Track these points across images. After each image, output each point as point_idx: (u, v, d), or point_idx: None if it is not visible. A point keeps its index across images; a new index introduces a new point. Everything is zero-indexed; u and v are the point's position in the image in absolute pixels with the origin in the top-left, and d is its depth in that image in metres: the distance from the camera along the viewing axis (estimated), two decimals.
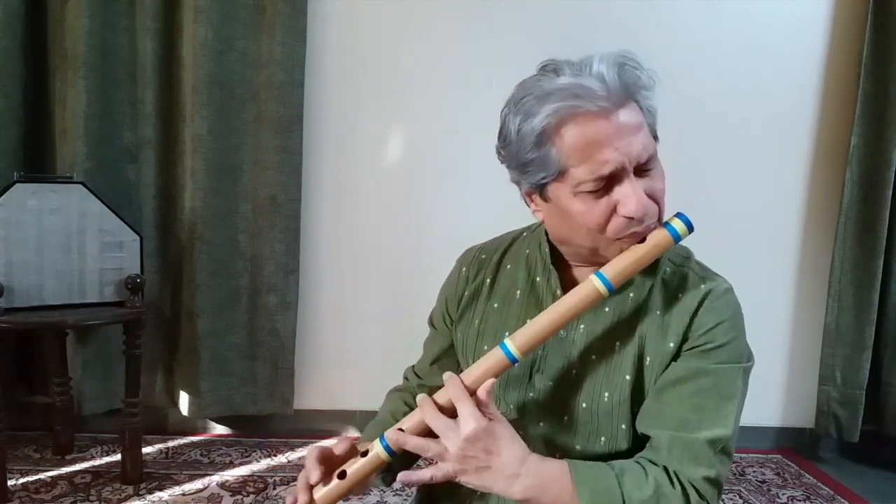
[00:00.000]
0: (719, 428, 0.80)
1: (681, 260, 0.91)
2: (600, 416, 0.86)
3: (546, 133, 0.78)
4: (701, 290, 0.85)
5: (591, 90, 0.75)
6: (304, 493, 0.82)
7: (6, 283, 1.85)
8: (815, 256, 2.44)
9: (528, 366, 0.90)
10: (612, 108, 0.77)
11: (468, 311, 0.98)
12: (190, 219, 2.24)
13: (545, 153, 0.78)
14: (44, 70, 2.21)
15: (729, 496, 2.13)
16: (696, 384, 0.81)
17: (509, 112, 0.83)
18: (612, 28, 2.29)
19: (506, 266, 0.98)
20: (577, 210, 0.80)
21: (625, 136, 0.77)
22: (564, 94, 0.76)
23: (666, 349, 0.84)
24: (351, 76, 2.34)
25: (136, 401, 1.98)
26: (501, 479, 0.77)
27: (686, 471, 0.79)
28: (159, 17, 2.19)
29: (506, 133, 0.83)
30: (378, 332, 2.42)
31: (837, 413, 2.36)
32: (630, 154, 0.77)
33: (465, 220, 2.26)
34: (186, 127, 2.23)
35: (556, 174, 0.79)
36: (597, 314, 0.88)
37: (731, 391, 0.82)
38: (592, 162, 0.77)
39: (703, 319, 0.84)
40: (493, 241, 1.03)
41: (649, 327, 0.86)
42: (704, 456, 0.79)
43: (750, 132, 2.39)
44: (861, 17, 2.29)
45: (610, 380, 0.86)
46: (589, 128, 0.76)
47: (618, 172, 0.77)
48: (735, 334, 0.85)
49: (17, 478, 2.00)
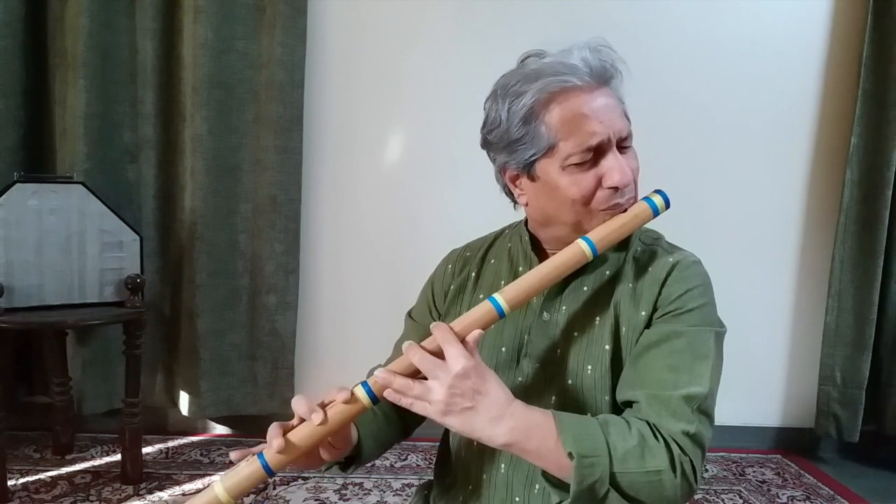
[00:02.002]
0: (695, 386, 0.80)
1: (651, 240, 0.94)
2: (585, 391, 0.87)
3: (534, 110, 0.83)
4: (669, 261, 0.88)
5: (576, 66, 0.83)
6: (278, 437, 0.78)
7: (6, 283, 1.85)
8: (815, 256, 2.44)
9: (516, 350, 0.92)
10: (595, 84, 0.83)
11: (454, 305, 0.99)
12: (190, 219, 2.24)
13: (534, 130, 0.83)
14: (44, 70, 2.21)
15: (729, 496, 2.13)
16: (670, 346, 0.83)
17: (494, 100, 0.87)
18: (612, 28, 2.26)
19: (489, 260, 1.01)
20: (564, 184, 0.84)
21: (608, 112, 0.83)
22: (551, 70, 0.82)
23: (638, 318, 0.86)
24: (351, 76, 2.34)
25: (136, 401, 1.98)
26: (486, 420, 0.76)
27: (666, 425, 0.79)
28: (159, 17, 2.19)
29: (492, 119, 0.88)
30: (378, 332, 2.39)
31: (837, 413, 2.36)
32: (614, 128, 0.83)
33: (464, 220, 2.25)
34: (186, 127, 2.23)
35: (546, 150, 0.83)
36: (576, 294, 0.91)
37: (704, 351, 0.83)
38: (580, 134, 0.82)
39: (672, 288, 0.86)
40: (476, 241, 1.07)
41: (622, 297, 0.88)
42: (682, 412, 0.79)
43: (750, 132, 2.39)
44: (861, 17, 2.29)
45: (591, 353, 0.88)
46: (575, 101, 0.82)
47: (603, 145, 0.82)
48: (705, 300, 0.86)
49: (17, 478, 2.00)
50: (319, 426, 0.78)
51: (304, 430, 0.78)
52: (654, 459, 0.76)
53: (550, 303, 0.91)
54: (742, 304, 2.17)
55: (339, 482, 2.07)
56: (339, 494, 2.01)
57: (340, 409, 0.79)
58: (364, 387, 0.79)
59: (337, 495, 2.00)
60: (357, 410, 0.79)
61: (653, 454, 0.76)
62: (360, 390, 0.79)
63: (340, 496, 2.00)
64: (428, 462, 2.26)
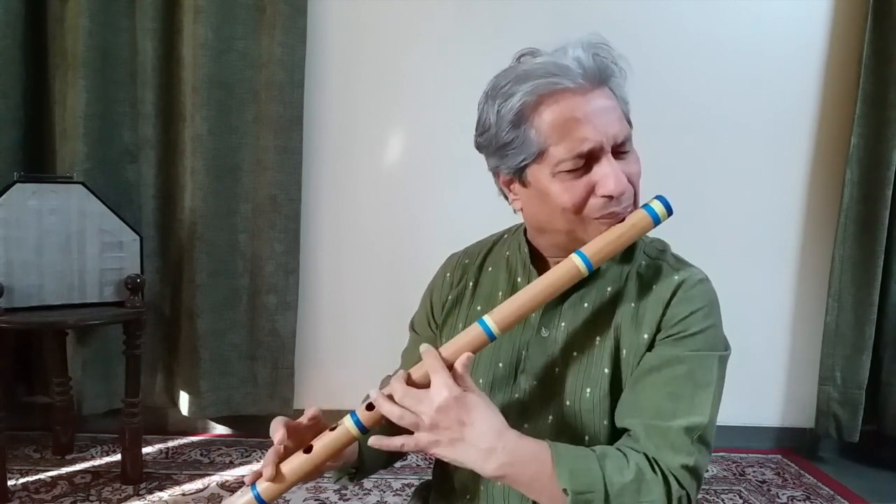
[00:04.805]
0: (695, 416, 0.78)
1: (656, 253, 0.89)
2: (583, 413, 0.84)
3: (524, 112, 0.79)
4: (674, 279, 0.84)
5: (568, 68, 0.77)
6: (270, 466, 0.79)
7: (6, 283, 1.85)
8: (815, 256, 2.44)
9: (513, 366, 0.89)
10: (588, 86, 0.78)
11: (451, 317, 0.97)
12: (190, 219, 2.24)
13: (524, 134, 0.79)
14: (44, 70, 2.21)
15: (729, 496, 2.13)
16: (671, 372, 0.80)
17: (486, 101, 0.84)
18: (612, 28, 2.25)
19: (487, 269, 0.98)
20: (555, 191, 0.80)
21: (602, 116, 0.78)
22: (542, 71, 0.78)
23: (640, 341, 0.83)
24: (351, 76, 2.34)
25: (136, 401, 1.98)
26: (475, 452, 0.74)
27: (664, 458, 0.77)
28: (159, 17, 2.19)
29: (483, 120, 0.84)
30: (378, 332, 2.41)
31: (837, 413, 2.36)
32: (608, 133, 0.78)
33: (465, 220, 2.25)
34: (186, 127, 2.23)
35: (536, 155, 0.79)
36: (576, 310, 0.87)
37: (706, 379, 0.80)
38: (571, 139, 0.77)
39: (677, 309, 0.82)
40: (475, 246, 1.03)
41: (624, 318, 0.85)
42: (681, 444, 0.77)
43: (750, 132, 2.39)
44: (861, 17, 2.29)
45: (590, 374, 0.85)
46: (567, 105, 0.77)
47: (596, 151, 0.78)
48: (710, 322, 0.83)
49: (17, 478, 2.00)
50: (310, 457, 0.79)
51: (295, 462, 0.80)
52: (650, 494, 0.75)
53: (549, 318, 0.88)
54: (742, 304, 2.17)
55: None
56: (339, 494, 2.01)
57: (330, 440, 0.80)
58: (352, 417, 0.79)
59: (337, 495, 2.00)
60: (347, 441, 0.80)
61: (649, 489, 0.75)
62: (349, 421, 0.79)
63: (340, 496, 2.00)
64: (428, 462, 2.26)
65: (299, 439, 0.83)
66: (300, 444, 0.82)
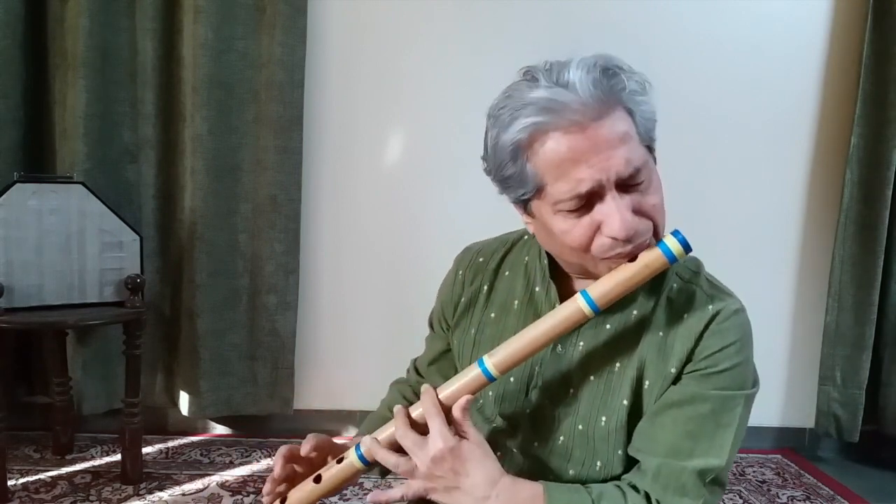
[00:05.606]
0: (712, 458, 0.77)
1: (689, 275, 0.84)
2: (596, 440, 0.82)
3: (520, 148, 0.74)
4: (708, 311, 0.80)
5: (563, 104, 0.70)
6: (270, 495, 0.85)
7: (6, 283, 1.85)
8: (815, 256, 2.44)
9: (525, 381, 0.87)
10: (586, 122, 0.71)
11: (464, 319, 0.95)
12: (190, 219, 2.24)
13: (521, 168, 0.75)
14: (44, 70, 2.21)
15: (729, 496, 2.13)
16: (693, 410, 0.77)
17: (488, 121, 0.79)
18: (612, 28, 2.29)
19: (504, 272, 0.94)
20: (559, 228, 0.75)
21: (602, 151, 0.71)
22: (535, 108, 0.71)
23: (667, 372, 0.79)
24: (351, 76, 2.34)
25: (136, 401, 1.98)
26: (471, 500, 0.75)
27: (669, 501, 0.76)
28: (159, 17, 2.19)
29: (486, 143, 0.80)
30: (378, 332, 2.42)
31: (837, 413, 2.36)
32: (608, 170, 0.71)
33: (465, 220, 2.26)
34: (186, 127, 2.23)
35: (535, 191, 0.75)
36: (597, 331, 0.83)
37: (729, 419, 0.78)
38: (567, 180, 0.72)
39: (708, 343, 0.78)
40: (492, 242, 0.98)
41: (650, 349, 0.81)
42: (692, 487, 0.76)
43: (750, 132, 2.39)
44: (861, 17, 2.29)
45: (607, 403, 0.82)
46: (561, 144, 0.71)
47: (597, 190, 0.72)
48: (740, 359, 0.79)
49: (17, 478, 2.00)
50: (316, 487, 0.84)
51: (302, 492, 0.85)
52: None
53: (566, 334, 0.81)
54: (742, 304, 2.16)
55: None
56: (339, 494, 2.01)
57: (336, 471, 0.84)
58: (357, 450, 0.83)
59: (337, 495, 2.00)
60: (352, 472, 0.84)
61: None
62: (353, 455, 0.83)
63: (341, 496, 2.00)
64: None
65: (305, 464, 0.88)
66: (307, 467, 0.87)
